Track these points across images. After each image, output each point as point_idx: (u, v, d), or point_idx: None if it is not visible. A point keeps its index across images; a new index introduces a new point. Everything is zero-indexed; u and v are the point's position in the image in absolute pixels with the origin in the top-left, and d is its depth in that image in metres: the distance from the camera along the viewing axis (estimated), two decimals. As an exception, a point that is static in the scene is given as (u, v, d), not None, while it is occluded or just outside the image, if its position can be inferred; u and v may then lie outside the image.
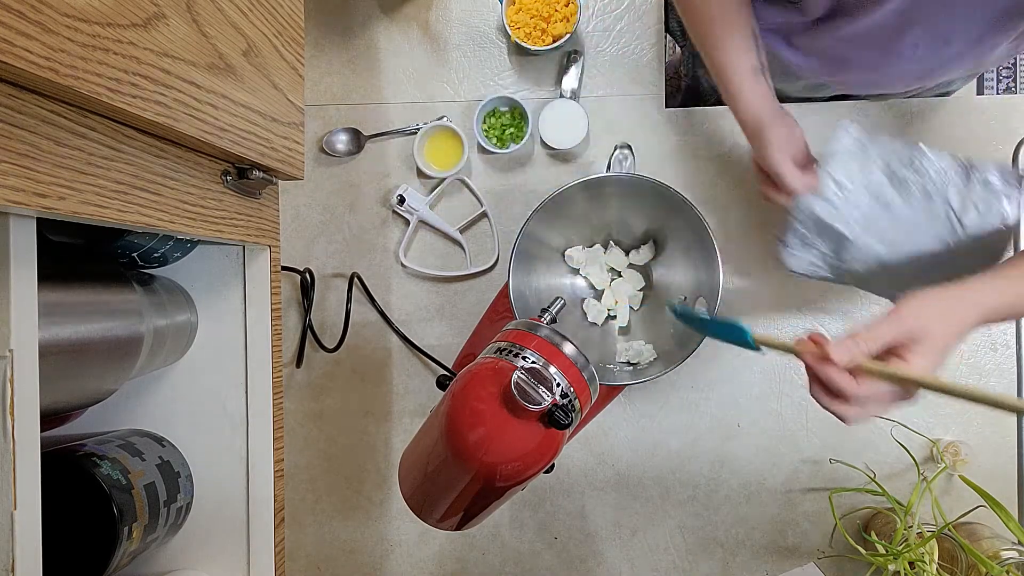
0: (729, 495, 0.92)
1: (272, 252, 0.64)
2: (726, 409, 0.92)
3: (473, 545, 0.95)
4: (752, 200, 0.92)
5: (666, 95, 0.93)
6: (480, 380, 0.53)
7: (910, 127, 0.90)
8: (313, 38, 0.95)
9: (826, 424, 0.91)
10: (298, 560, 0.96)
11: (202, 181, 0.51)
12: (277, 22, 0.56)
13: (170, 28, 0.41)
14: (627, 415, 0.93)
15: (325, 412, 0.96)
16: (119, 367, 0.55)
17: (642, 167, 0.91)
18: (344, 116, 0.95)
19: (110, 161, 0.40)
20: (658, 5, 0.93)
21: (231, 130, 0.50)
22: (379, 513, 0.96)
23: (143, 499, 0.58)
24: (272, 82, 0.55)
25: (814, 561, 0.91)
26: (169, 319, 0.61)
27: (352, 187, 0.95)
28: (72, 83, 0.34)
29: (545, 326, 0.58)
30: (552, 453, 0.52)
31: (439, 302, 0.95)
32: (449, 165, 0.92)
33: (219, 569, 0.65)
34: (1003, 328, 0.90)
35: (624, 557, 0.94)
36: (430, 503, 0.57)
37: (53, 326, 0.47)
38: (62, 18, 0.33)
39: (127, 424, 0.66)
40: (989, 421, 0.89)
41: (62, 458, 0.55)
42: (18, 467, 0.37)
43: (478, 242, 0.94)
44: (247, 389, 0.64)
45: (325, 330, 0.95)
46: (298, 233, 0.96)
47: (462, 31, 0.95)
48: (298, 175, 0.62)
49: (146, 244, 0.57)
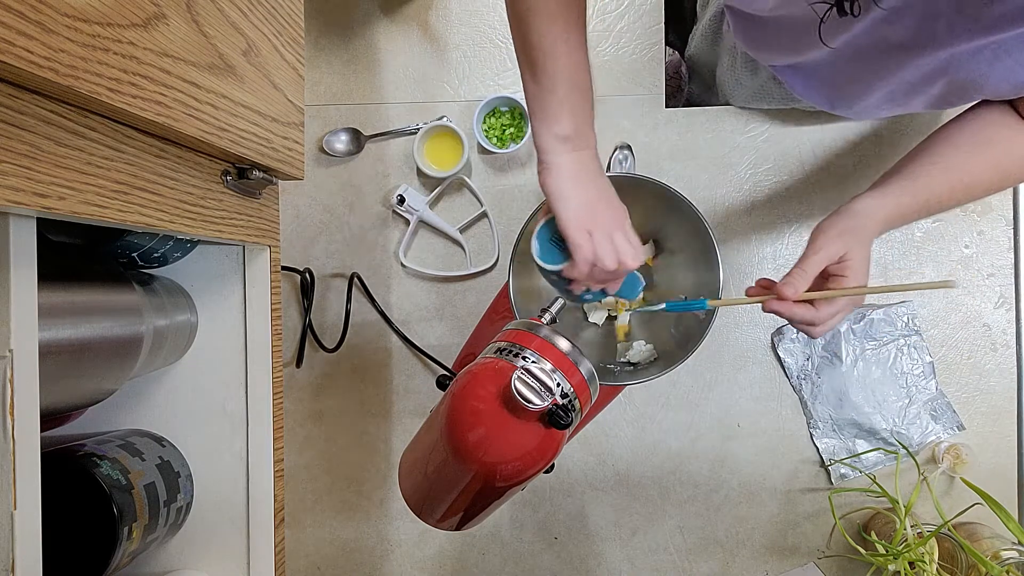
0: (729, 495, 0.92)
1: (272, 252, 0.64)
2: (726, 409, 0.92)
3: (473, 545, 0.95)
4: (752, 200, 0.92)
5: (666, 95, 0.93)
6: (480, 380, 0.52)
7: (909, 127, 0.90)
8: (313, 38, 0.95)
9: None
10: (298, 560, 0.96)
11: (202, 181, 0.51)
12: (277, 22, 0.56)
13: (170, 28, 0.41)
14: (627, 415, 0.93)
15: (325, 412, 0.95)
16: (119, 367, 0.55)
17: (642, 167, 0.91)
18: (344, 116, 0.95)
19: (110, 161, 0.40)
20: (658, 5, 0.93)
21: (231, 130, 0.50)
22: (379, 513, 0.95)
23: (143, 499, 0.58)
24: (272, 82, 0.55)
25: (814, 561, 0.91)
26: (169, 319, 0.61)
27: (352, 187, 0.95)
28: (72, 83, 0.34)
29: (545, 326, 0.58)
30: (552, 453, 0.52)
31: (439, 302, 0.95)
32: (449, 165, 0.91)
33: (219, 569, 0.65)
34: (1003, 328, 0.90)
35: (624, 557, 0.94)
36: (430, 503, 0.57)
37: (53, 326, 0.47)
38: (62, 18, 0.33)
39: (127, 424, 0.66)
40: (989, 421, 0.89)
41: (62, 458, 0.55)
42: (18, 467, 0.37)
43: (478, 242, 0.94)
44: (247, 389, 0.64)
45: (325, 330, 0.95)
46: (298, 233, 0.96)
47: (462, 31, 0.95)
48: (298, 175, 0.62)
49: (146, 244, 0.57)
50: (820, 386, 0.90)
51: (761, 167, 0.92)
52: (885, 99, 0.69)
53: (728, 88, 0.92)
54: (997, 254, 0.90)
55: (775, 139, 0.92)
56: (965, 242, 0.90)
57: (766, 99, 0.88)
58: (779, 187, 0.92)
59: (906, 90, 0.64)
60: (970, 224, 0.90)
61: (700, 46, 0.96)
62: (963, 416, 0.89)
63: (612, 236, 0.62)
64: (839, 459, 0.90)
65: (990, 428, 0.89)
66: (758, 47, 0.77)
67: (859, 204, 0.61)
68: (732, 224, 0.92)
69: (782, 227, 0.92)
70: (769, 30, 0.72)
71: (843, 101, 0.75)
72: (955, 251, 0.90)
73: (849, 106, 0.74)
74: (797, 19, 0.65)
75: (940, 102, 0.64)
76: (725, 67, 0.91)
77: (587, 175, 0.63)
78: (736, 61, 0.87)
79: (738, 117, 0.92)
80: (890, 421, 0.89)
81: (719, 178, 0.92)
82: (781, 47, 0.72)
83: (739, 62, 0.87)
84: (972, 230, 0.90)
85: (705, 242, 0.77)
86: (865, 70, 0.66)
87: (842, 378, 0.90)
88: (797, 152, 0.92)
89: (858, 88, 0.70)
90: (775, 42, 0.72)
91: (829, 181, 0.92)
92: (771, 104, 0.89)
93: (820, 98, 0.77)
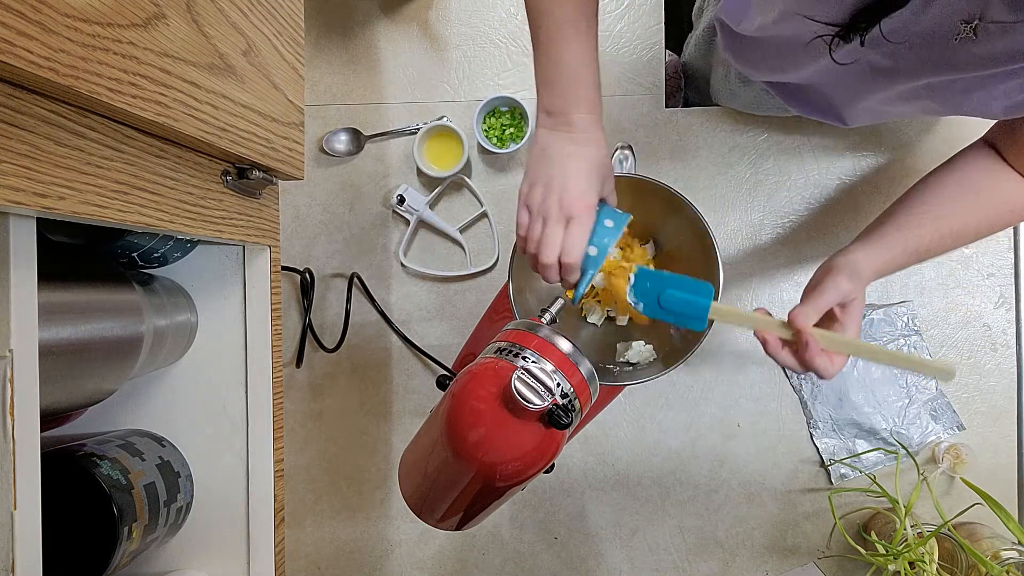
0: (729, 495, 0.92)
1: (272, 252, 0.64)
2: (726, 409, 0.92)
3: (473, 545, 0.95)
4: (752, 200, 0.92)
5: (666, 95, 0.93)
6: (480, 380, 0.52)
7: (908, 127, 0.90)
8: (313, 38, 0.95)
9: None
10: (298, 560, 0.96)
11: (202, 181, 0.51)
12: (277, 22, 0.56)
13: (170, 28, 0.41)
14: (627, 415, 0.93)
15: (325, 412, 0.95)
16: (119, 367, 0.55)
17: (642, 167, 0.91)
18: (344, 116, 0.95)
19: (110, 161, 0.40)
20: (658, 5, 0.93)
21: (231, 130, 0.50)
22: (379, 513, 0.95)
23: (143, 499, 0.58)
24: (272, 82, 0.55)
25: (814, 561, 0.91)
26: (169, 319, 0.61)
27: (352, 187, 0.95)
28: (72, 83, 0.34)
29: (545, 326, 0.58)
30: (552, 453, 0.52)
31: (439, 302, 0.95)
32: (449, 165, 0.91)
33: (219, 569, 0.65)
34: (1003, 328, 0.90)
35: (624, 557, 0.94)
36: (430, 503, 0.57)
37: (53, 326, 0.47)
38: (62, 18, 0.33)
39: (127, 424, 0.66)
40: (989, 421, 0.89)
41: (62, 458, 0.55)
42: (18, 467, 0.37)
43: (478, 242, 0.94)
44: (247, 389, 0.64)
45: (325, 330, 0.95)
46: (298, 233, 0.96)
47: (462, 31, 0.95)
48: (298, 175, 0.62)
49: (146, 244, 0.57)
50: (820, 386, 0.90)
51: (761, 167, 0.92)
52: (868, 111, 0.70)
53: (723, 97, 0.92)
54: (997, 254, 0.90)
55: (775, 139, 0.92)
56: (965, 242, 0.90)
57: (760, 108, 0.88)
58: (779, 187, 0.92)
59: (887, 105, 0.66)
60: (970, 224, 0.90)
61: (694, 54, 0.96)
62: (963, 416, 0.89)
63: (547, 221, 0.59)
64: (839, 459, 0.90)
65: (990, 428, 0.89)
66: (745, 63, 0.78)
67: (853, 256, 0.61)
68: (732, 224, 0.92)
69: (782, 227, 0.92)
70: (756, 48, 0.73)
71: (832, 113, 0.75)
72: (955, 251, 0.90)
73: (838, 117, 0.75)
74: (784, 40, 0.66)
75: (926, 113, 0.65)
76: (719, 77, 0.91)
77: (556, 155, 0.60)
78: (730, 72, 0.88)
79: (738, 118, 0.92)
80: (890, 421, 0.89)
81: (719, 178, 0.92)
82: (768, 66, 0.73)
83: (732, 73, 0.87)
84: (972, 230, 0.90)
85: (705, 242, 0.77)
86: (849, 90, 0.67)
87: (842, 378, 0.90)
88: (797, 152, 0.92)
89: (843, 102, 0.71)
90: (761, 61, 0.73)
91: (829, 181, 0.92)
92: (766, 112, 0.89)
93: (809, 110, 0.78)
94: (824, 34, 0.56)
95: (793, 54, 0.65)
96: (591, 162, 0.61)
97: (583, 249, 0.59)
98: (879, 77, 0.60)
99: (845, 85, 0.66)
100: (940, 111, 0.62)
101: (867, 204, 0.91)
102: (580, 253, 0.59)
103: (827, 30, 0.56)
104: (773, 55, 0.70)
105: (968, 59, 0.51)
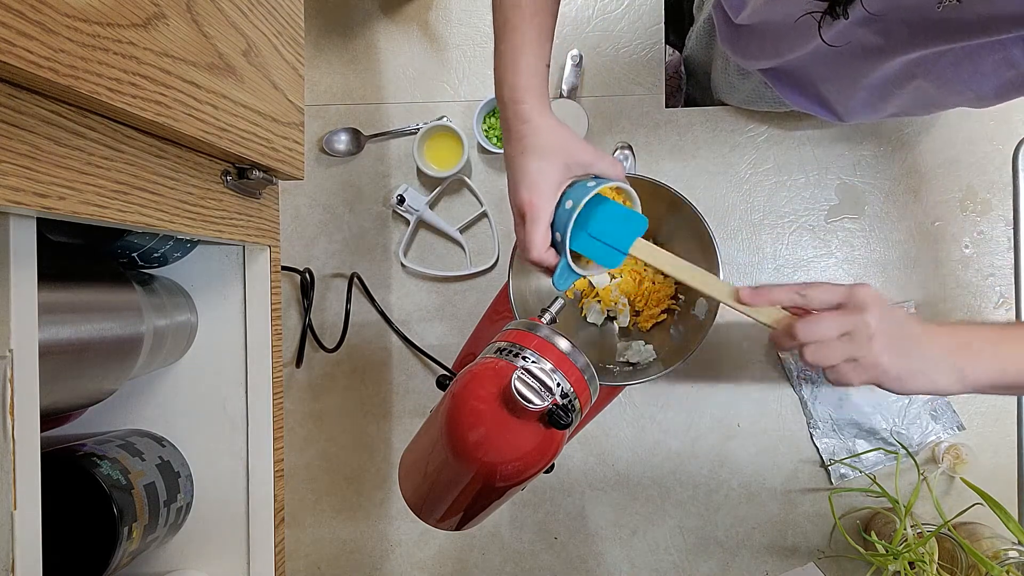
0: (729, 495, 0.92)
1: (272, 252, 0.64)
2: (726, 409, 0.92)
3: (473, 545, 0.95)
4: (752, 200, 0.92)
5: (666, 95, 0.93)
6: (480, 380, 0.52)
7: (908, 127, 0.90)
8: (313, 38, 0.95)
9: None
10: (298, 560, 0.96)
11: (202, 181, 0.51)
12: (277, 22, 0.56)
13: (170, 28, 0.41)
14: (627, 415, 0.93)
15: (325, 412, 0.95)
16: (119, 367, 0.55)
17: (642, 167, 0.91)
18: (344, 116, 0.95)
19: (110, 161, 0.40)
20: (658, 5, 0.93)
21: (231, 130, 0.50)
22: (379, 513, 0.95)
23: (143, 499, 0.58)
24: (272, 82, 0.55)
25: (814, 561, 0.91)
26: (169, 319, 0.61)
27: (352, 187, 0.95)
28: (72, 83, 0.34)
29: (545, 326, 0.58)
30: (552, 453, 0.52)
31: (439, 302, 0.95)
32: (449, 165, 0.91)
33: (219, 569, 0.65)
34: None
35: (624, 557, 0.94)
36: (430, 503, 0.57)
37: (53, 326, 0.47)
38: (62, 18, 0.33)
39: (127, 424, 0.66)
40: (989, 421, 0.89)
41: (62, 458, 0.55)
42: (18, 467, 0.37)
43: (478, 242, 0.94)
44: (247, 389, 0.64)
45: (325, 330, 0.95)
46: (298, 233, 0.96)
47: (462, 31, 0.95)
48: (298, 175, 0.62)
49: (146, 244, 0.57)
50: (820, 386, 0.90)
51: (761, 167, 0.92)
52: (863, 102, 0.70)
53: (722, 91, 0.92)
54: (997, 254, 0.90)
55: (775, 139, 0.92)
56: (965, 242, 0.90)
57: (758, 102, 0.88)
58: (779, 187, 0.92)
59: (881, 93, 0.66)
60: (970, 224, 0.90)
61: (696, 47, 0.97)
62: (963, 416, 0.89)
63: (515, 223, 0.60)
64: (839, 459, 0.90)
65: (990, 428, 0.89)
66: (743, 54, 0.78)
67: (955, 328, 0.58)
68: (732, 224, 0.92)
69: (782, 227, 0.92)
70: (751, 37, 0.73)
71: (827, 104, 0.76)
72: (955, 251, 0.90)
73: (833, 110, 0.75)
74: (776, 24, 0.66)
75: (917, 106, 0.66)
76: (719, 70, 0.91)
77: (507, 157, 0.59)
78: (728, 64, 0.88)
79: (738, 117, 0.92)
80: (890, 421, 0.89)
81: (719, 178, 0.92)
82: (764, 52, 0.73)
83: (731, 65, 0.87)
84: (972, 230, 0.90)
85: (705, 242, 0.77)
86: (840, 72, 0.68)
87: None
88: (797, 151, 0.92)
89: (837, 88, 0.71)
90: (758, 49, 0.74)
91: (830, 181, 0.92)
92: (764, 107, 0.89)
93: (805, 101, 0.78)
94: (812, 10, 0.57)
95: (787, 37, 0.66)
96: (534, 153, 0.58)
97: (538, 245, 0.59)
98: (870, 55, 0.60)
99: (838, 68, 0.67)
100: (934, 95, 0.62)
101: (868, 204, 0.91)
102: (534, 250, 0.60)
103: (814, 6, 0.57)
104: (768, 40, 0.70)
105: (954, 27, 0.52)
